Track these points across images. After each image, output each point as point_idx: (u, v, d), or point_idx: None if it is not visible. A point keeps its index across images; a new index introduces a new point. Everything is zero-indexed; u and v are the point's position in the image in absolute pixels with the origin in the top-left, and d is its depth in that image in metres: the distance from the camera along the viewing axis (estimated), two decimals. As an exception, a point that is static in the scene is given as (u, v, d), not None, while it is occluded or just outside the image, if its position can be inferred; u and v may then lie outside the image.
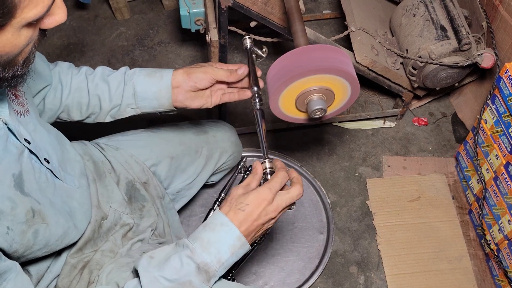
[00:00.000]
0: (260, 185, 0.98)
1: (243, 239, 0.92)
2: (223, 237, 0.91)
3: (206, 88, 1.14)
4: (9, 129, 0.87)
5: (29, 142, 0.91)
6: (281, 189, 0.96)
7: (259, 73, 1.10)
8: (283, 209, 0.95)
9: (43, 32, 0.75)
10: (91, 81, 1.15)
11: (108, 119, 1.19)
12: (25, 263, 0.98)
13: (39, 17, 0.68)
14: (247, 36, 1.11)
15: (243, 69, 1.11)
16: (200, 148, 1.40)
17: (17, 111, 0.92)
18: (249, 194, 0.93)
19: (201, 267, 0.90)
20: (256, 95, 1.04)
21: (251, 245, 0.97)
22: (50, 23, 0.73)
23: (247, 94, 1.13)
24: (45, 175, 0.95)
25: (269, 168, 0.98)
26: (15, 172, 0.86)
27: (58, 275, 1.05)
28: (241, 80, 1.14)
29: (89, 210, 1.08)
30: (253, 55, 1.12)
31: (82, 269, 1.07)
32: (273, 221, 0.96)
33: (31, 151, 0.92)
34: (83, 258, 1.07)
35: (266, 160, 0.98)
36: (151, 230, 1.22)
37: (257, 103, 1.04)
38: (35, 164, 0.93)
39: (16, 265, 0.85)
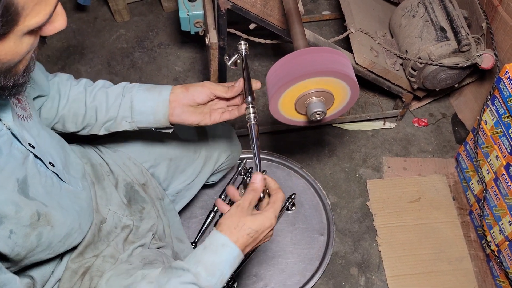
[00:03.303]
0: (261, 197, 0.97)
1: (242, 255, 0.92)
2: (225, 258, 0.90)
3: (205, 104, 1.12)
4: (13, 134, 0.87)
5: (33, 147, 0.91)
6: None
7: (258, 85, 1.07)
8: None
9: (42, 39, 0.75)
10: (90, 93, 1.13)
11: (102, 132, 1.16)
12: (29, 268, 0.97)
13: (41, 24, 0.68)
14: (243, 42, 1.08)
15: (239, 82, 1.08)
16: (198, 149, 1.40)
17: (20, 115, 0.92)
18: (257, 219, 0.92)
19: None
20: (251, 107, 1.00)
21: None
22: (50, 30, 0.73)
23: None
24: (51, 178, 0.95)
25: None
26: (19, 177, 0.86)
27: (60, 279, 1.05)
28: (239, 95, 1.12)
29: (92, 212, 1.08)
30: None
31: (83, 275, 1.06)
32: (270, 233, 0.97)
33: (36, 156, 0.92)
34: (84, 263, 1.07)
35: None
36: (152, 234, 1.22)
37: (251, 116, 0.99)
38: (41, 168, 0.93)
39: (16, 279, 0.84)
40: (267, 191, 0.98)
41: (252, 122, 0.99)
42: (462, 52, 1.59)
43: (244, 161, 1.82)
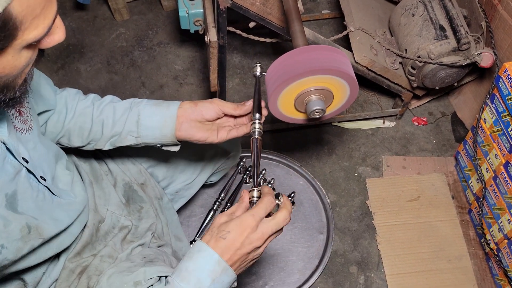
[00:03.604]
0: None
1: (223, 263, 0.87)
2: (201, 264, 0.87)
3: (213, 121, 1.11)
4: (7, 148, 0.86)
5: (27, 161, 0.89)
6: (268, 216, 0.91)
7: (265, 112, 1.06)
8: (269, 236, 0.90)
9: (41, 51, 0.75)
10: (97, 107, 1.12)
11: (107, 147, 1.14)
12: (19, 272, 0.97)
13: (40, 38, 0.68)
14: (258, 64, 1.06)
15: (250, 102, 1.08)
16: (198, 149, 1.40)
17: (18, 128, 0.91)
18: (231, 222, 0.88)
19: None
20: (257, 122, 1.01)
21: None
22: (49, 42, 0.72)
23: None
24: (42, 193, 0.94)
25: (256, 197, 0.93)
26: (8, 191, 0.85)
27: (57, 279, 1.05)
28: (248, 114, 1.11)
29: (86, 215, 1.08)
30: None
31: (80, 274, 1.06)
32: (259, 250, 0.91)
33: (28, 170, 0.90)
34: (81, 262, 1.07)
35: (255, 188, 0.94)
36: (152, 234, 1.22)
37: (256, 131, 1.00)
38: (33, 183, 0.92)
39: None
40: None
41: (256, 136, 1.00)
42: (461, 51, 1.60)
43: (243, 160, 1.82)
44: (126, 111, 1.11)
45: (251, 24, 1.48)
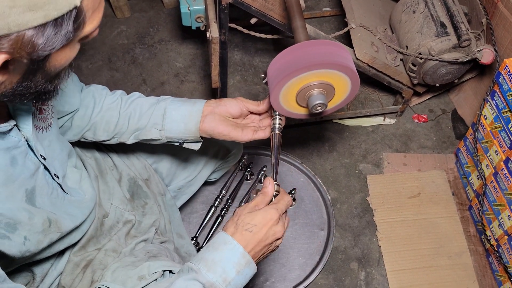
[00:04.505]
0: None
1: (247, 256, 0.90)
2: (227, 256, 0.89)
3: (237, 119, 1.13)
4: (29, 145, 0.88)
5: (44, 158, 0.92)
6: None
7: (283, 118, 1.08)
8: (285, 230, 0.95)
9: None
10: (125, 102, 1.13)
11: (131, 140, 1.16)
12: (31, 264, 0.98)
13: (93, 31, 0.72)
14: (277, 116, 1.07)
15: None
16: (202, 146, 1.40)
17: (38, 126, 0.93)
18: (256, 214, 0.91)
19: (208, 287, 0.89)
20: (277, 118, 1.04)
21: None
22: (88, 38, 0.76)
23: None
24: (56, 190, 0.96)
25: (276, 191, 0.98)
26: (28, 187, 0.87)
27: (62, 272, 1.06)
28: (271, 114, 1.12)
29: (95, 211, 1.09)
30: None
31: (85, 267, 1.07)
32: (279, 241, 0.95)
33: (45, 167, 0.93)
34: (86, 256, 1.08)
35: (275, 183, 0.98)
36: (155, 230, 1.22)
37: (276, 126, 1.04)
38: (49, 180, 0.94)
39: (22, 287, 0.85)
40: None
41: (276, 132, 1.03)
42: (462, 48, 1.60)
43: (244, 157, 1.83)
44: (152, 105, 1.13)
45: (253, 20, 1.49)
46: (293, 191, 1.77)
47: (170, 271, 1.05)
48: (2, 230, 0.78)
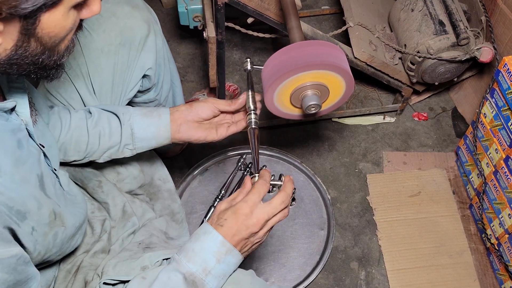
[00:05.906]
0: None
1: (227, 244, 0.90)
2: (207, 245, 0.91)
3: (211, 120, 1.14)
4: (27, 132, 0.87)
5: (43, 146, 0.91)
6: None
7: (258, 97, 1.09)
8: (266, 221, 0.93)
9: (80, 24, 0.78)
10: (91, 120, 1.12)
11: (103, 159, 1.14)
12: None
13: None
14: (249, 59, 1.10)
15: (243, 96, 1.10)
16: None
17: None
18: (228, 209, 0.93)
19: (188, 278, 0.89)
20: (252, 113, 1.05)
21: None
22: (88, 13, 0.76)
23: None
24: (57, 182, 0.96)
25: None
26: (38, 173, 0.86)
27: (55, 281, 1.06)
28: (243, 110, 1.13)
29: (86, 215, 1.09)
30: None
31: (76, 272, 1.07)
32: (258, 234, 0.94)
33: (45, 155, 0.92)
34: (76, 262, 1.08)
35: (256, 175, 0.98)
36: (132, 192, 1.23)
37: (252, 121, 1.04)
38: (50, 170, 0.93)
39: (39, 275, 0.84)
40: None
41: (253, 126, 1.04)
42: (460, 46, 1.59)
43: (244, 157, 1.82)
44: (118, 125, 1.12)
45: (249, 20, 1.48)
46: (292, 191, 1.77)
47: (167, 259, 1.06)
48: (14, 217, 0.78)
